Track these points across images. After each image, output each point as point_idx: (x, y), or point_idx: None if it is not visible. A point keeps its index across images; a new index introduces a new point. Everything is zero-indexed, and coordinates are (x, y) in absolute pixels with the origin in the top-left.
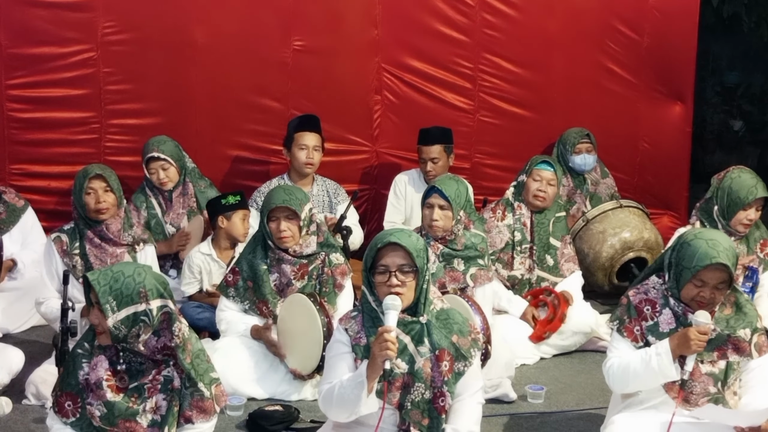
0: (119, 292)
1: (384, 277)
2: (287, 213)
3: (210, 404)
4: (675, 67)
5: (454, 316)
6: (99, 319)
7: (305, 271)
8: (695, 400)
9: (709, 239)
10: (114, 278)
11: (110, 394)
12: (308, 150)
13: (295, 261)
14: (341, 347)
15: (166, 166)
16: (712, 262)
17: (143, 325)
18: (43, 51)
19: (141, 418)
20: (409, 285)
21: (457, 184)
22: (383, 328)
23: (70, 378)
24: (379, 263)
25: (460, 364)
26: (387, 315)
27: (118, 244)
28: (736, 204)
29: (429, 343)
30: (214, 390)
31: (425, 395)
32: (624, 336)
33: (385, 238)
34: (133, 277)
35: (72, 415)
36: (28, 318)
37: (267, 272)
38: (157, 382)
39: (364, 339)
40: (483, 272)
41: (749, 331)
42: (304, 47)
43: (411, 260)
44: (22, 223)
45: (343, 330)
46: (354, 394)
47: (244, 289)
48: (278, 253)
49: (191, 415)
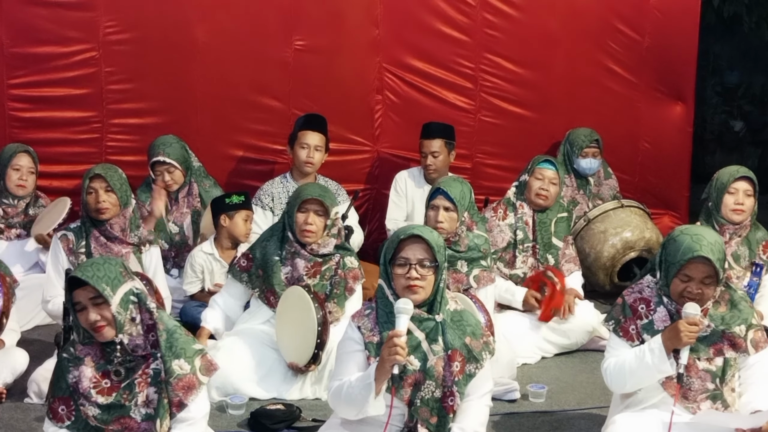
0: (107, 277)
1: (404, 270)
2: (318, 208)
3: (191, 378)
4: (676, 66)
5: (468, 318)
6: (100, 313)
7: (318, 270)
8: (694, 396)
9: (694, 234)
10: (95, 267)
11: (101, 399)
12: (309, 149)
13: (310, 258)
14: (353, 345)
15: (172, 170)
16: (695, 255)
17: (134, 305)
18: (45, 50)
19: (134, 413)
20: (428, 280)
21: (461, 186)
22: (393, 332)
23: (60, 383)
24: (399, 255)
25: (472, 366)
26: (398, 319)
27: (123, 243)
28: (721, 190)
29: (442, 342)
30: (199, 362)
31: (435, 393)
32: (620, 336)
33: (408, 231)
34: (107, 262)
35: (67, 419)
36: (32, 317)
37: (279, 264)
38: (147, 376)
39: (377, 336)
40: (486, 274)
41: (744, 327)
42: (306, 47)
43: (432, 255)
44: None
45: (355, 327)
46: (362, 395)
47: (255, 276)
48: (295, 247)
49: (180, 399)
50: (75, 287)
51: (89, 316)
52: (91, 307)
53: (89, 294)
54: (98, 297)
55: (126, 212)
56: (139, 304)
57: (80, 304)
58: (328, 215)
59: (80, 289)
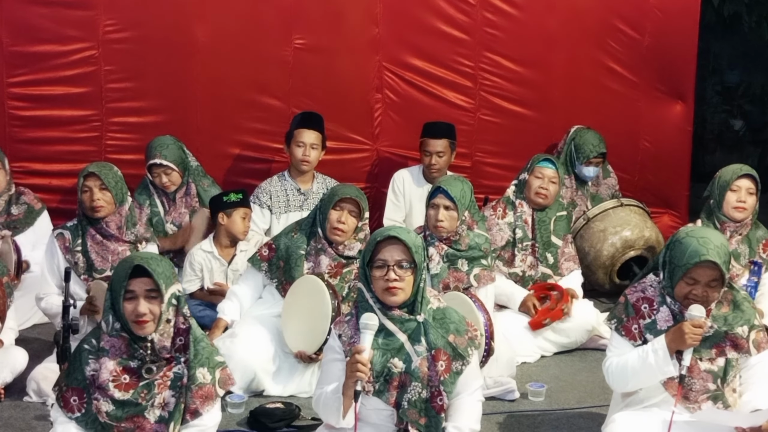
0: (164, 274)
1: (382, 272)
2: (353, 209)
3: (210, 389)
4: (676, 66)
5: (451, 315)
6: (150, 307)
7: (339, 271)
8: (695, 397)
9: (701, 237)
10: (155, 261)
11: (118, 393)
12: (305, 147)
13: (335, 257)
14: (333, 354)
15: (169, 171)
16: (702, 260)
17: (173, 308)
18: (45, 49)
19: (149, 413)
20: (407, 281)
21: (462, 185)
22: (356, 348)
23: (76, 373)
24: (377, 257)
25: (458, 364)
26: (362, 335)
27: (120, 241)
28: (723, 187)
29: (425, 342)
30: (219, 374)
31: (422, 394)
32: (622, 335)
33: (385, 233)
34: (164, 259)
35: (77, 410)
36: (31, 315)
37: (303, 258)
38: (167, 378)
39: (357, 342)
40: (486, 273)
41: (747, 328)
42: (305, 45)
43: (410, 256)
44: (37, 225)
45: (336, 336)
46: (335, 407)
47: (276, 267)
48: (322, 243)
49: (196, 407)
50: (133, 276)
51: (139, 308)
52: (144, 299)
53: (146, 285)
54: (154, 290)
55: (122, 210)
56: (177, 307)
57: (133, 293)
58: (361, 217)
59: (138, 278)
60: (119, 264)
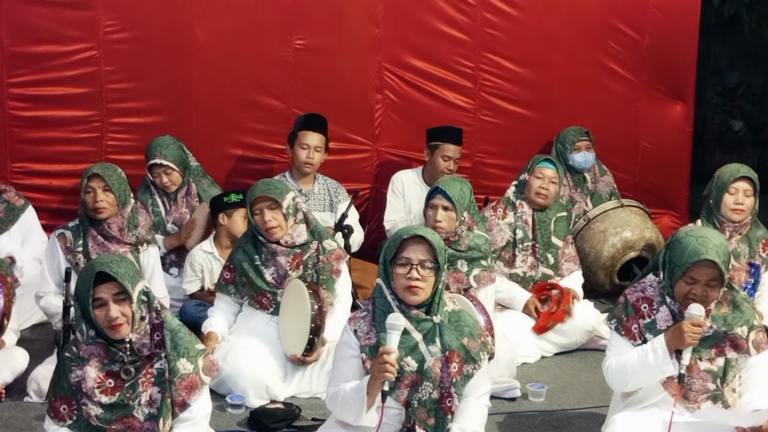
0: (128, 274)
1: (405, 270)
2: (269, 203)
3: (194, 378)
4: (676, 66)
5: (466, 319)
6: (121, 310)
7: (300, 261)
8: (694, 397)
9: (700, 236)
10: (116, 263)
11: (105, 398)
12: (309, 150)
13: (288, 251)
14: (347, 350)
15: (169, 171)
16: (701, 259)
17: (144, 304)
18: (45, 49)
19: (137, 412)
20: (428, 281)
21: (461, 185)
22: (384, 348)
23: (62, 382)
24: (401, 254)
25: (470, 367)
26: (389, 335)
27: (121, 242)
28: (721, 189)
29: (440, 344)
30: (201, 362)
31: (433, 395)
32: (622, 335)
33: (411, 231)
34: (124, 259)
35: (68, 418)
36: (31, 315)
37: (261, 267)
38: (151, 376)
39: (374, 339)
40: (486, 273)
41: (746, 328)
42: (306, 46)
43: (434, 256)
44: (21, 221)
45: (351, 331)
46: (356, 406)
47: (241, 285)
48: (271, 247)
49: (183, 398)
50: (98, 283)
51: (111, 312)
52: (113, 304)
53: (113, 290)
54: (121, 293)
55: (124, 212)
56: (148, 303)
57: (101, 299)
58: (281, 206)
59: (103, 285)
60: (81, 273)
